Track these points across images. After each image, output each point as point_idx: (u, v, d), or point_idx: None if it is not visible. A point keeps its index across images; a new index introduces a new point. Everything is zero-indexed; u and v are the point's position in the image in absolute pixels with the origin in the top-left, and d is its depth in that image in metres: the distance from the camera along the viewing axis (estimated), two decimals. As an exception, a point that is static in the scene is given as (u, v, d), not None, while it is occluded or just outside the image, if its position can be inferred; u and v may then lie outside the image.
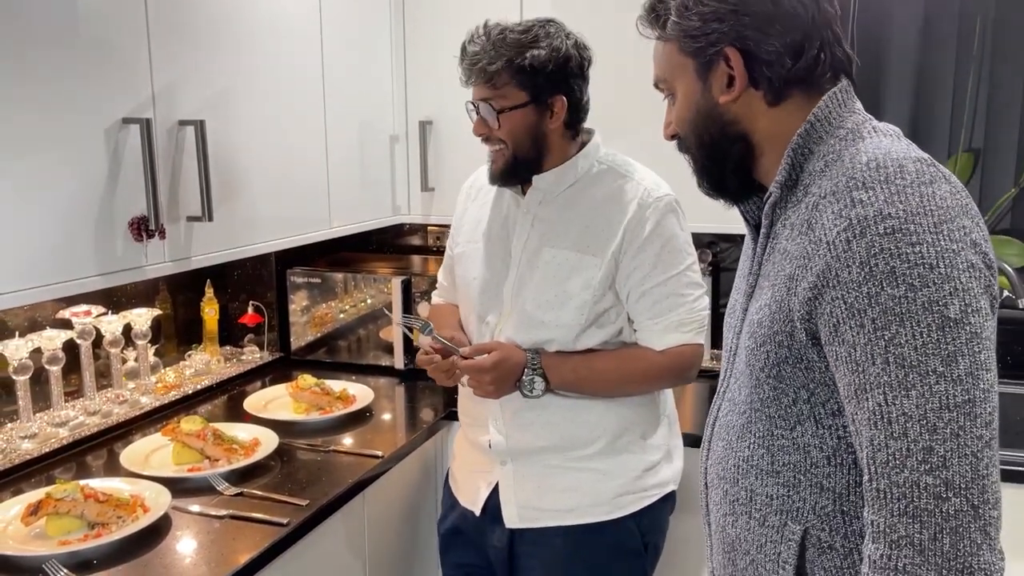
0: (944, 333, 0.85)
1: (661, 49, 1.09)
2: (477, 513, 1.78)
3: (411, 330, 1.81)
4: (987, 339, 0.88)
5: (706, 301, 1.72)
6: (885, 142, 0.97)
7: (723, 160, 1.08)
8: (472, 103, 1.67)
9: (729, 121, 1.05)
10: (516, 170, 1.68)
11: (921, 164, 0.92)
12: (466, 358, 1.68)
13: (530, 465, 1.73)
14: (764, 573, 1.06)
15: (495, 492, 1.76)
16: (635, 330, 1.71)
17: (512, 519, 1.74)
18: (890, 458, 0.87)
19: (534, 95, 1.63)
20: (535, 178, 1.70)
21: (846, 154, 0.97)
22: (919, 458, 0.85)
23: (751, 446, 1.07)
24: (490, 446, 1.75)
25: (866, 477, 0.90)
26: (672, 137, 1.14)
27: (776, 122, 1.04)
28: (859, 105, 1.05)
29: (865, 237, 0.88)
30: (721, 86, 1.03)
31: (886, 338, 0.87)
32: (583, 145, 1.72)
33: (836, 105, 1.02)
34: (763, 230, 1.07)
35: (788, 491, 1.03)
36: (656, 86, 1.14)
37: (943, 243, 0.87)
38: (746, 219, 1.15)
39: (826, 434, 1.00)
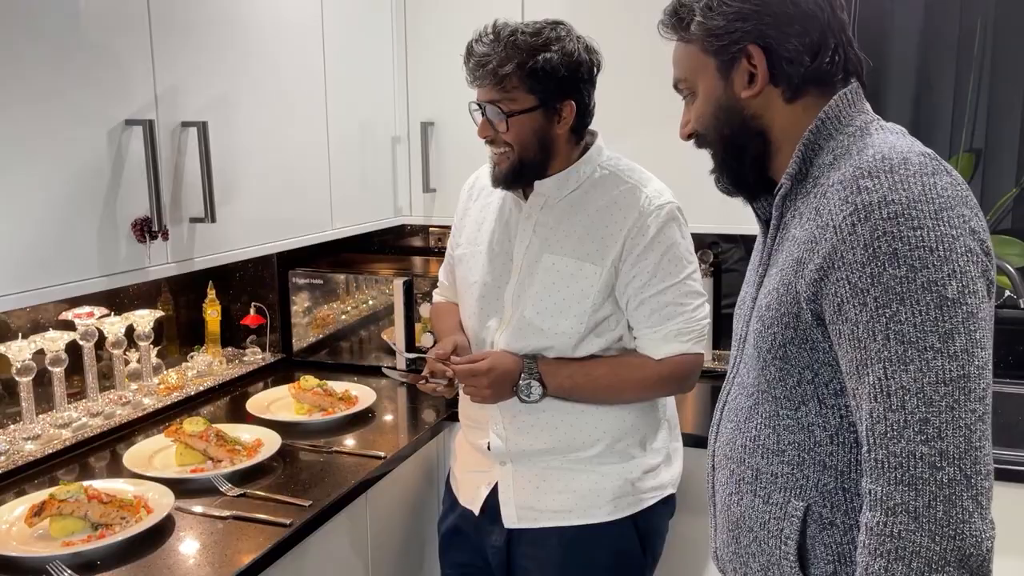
0: (942, 312, 0.91)
1: (682, 51, 1.14)
2: (476, 513, 1.79)
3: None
4: (983, 320, 0.93)
5: (706, 310, 1.71)
6: (891, 138, 1.02)
7: (742, 154, 1.12)
8: (478, 104, 1.65)
9: (750, 116, 1.10)
10: (521, 174, 1.67)
11: (924, 157, 0.97)
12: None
13: (529, 466, 1.73)
14: (767, 549, 1.10)
15: (494, 492, 1.76)
16: (634, 337, 1.70)
17: (511, 519, 1.74)
18: (888, 429, 0.92)
19: (543, 100, 1.60)
20: (536, 183, 1.69)
21: (854, 148, 1.03)
22: (916, 429, 0.90)
23: (758, 426, 1.12)
24: (489, 448, 1.76)
25: (864, 448, 0.95)
26: (689, 136, 1.18)
27: (791, 119, 1.09)
28: (867, 106, 1.10)
29: (869, 221, 0.93)
30: (743, 82, 1.08)
31: (887, 315, 0.92)
32: (586, 148, 1.71)
33: (846, 105, 1.07)
34: (773, 221, 1.12)
35: (792, 469, 1.08)
36: (676, 87, 1.18)
37: (943, 228, 0.92)
38: (758, 215, 1.20)
39: (829, 414, 1.05)
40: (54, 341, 1.92)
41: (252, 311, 2.58)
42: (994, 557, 0.92)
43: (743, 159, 1.13)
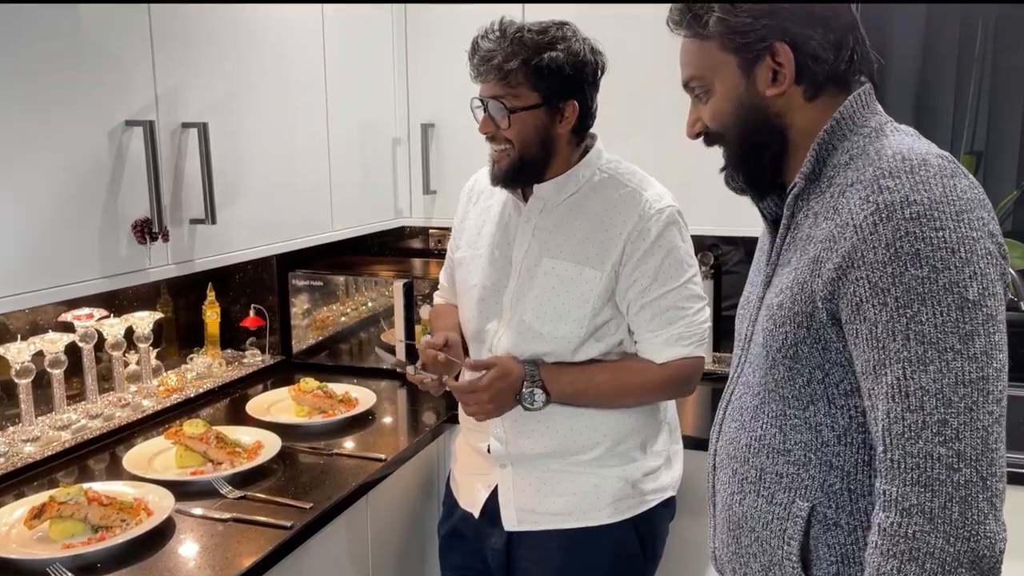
0: (963, 313, 0.91)
1: (696, 47, 1.11)
2: (476, 515, 1.78)
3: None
4: (1001, 322, 0.93)
5: (707, 314, 1.70)
6: (908, 140, 1.02)
7: (762, 153, 1.11)
8: (480, 99, 1.64)
9: (774, 114, 1.09)
10: (520, 172, 1.66)
11: (943, 159, 0.98)
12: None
13: (529, 469, 1.73)
14: (769, 549, 1.10)
15: (494, 495, 1.76)
16: (635, 342, 1.69)
17: (511, 522, 1.73)
18: (906, 430, 0.92)
19: (547, 97, 1.60)
20: (535, 187, 1.68)
21: (871, 148, 1.02)
22: (934, 430, 0.90)
23: (764, 425, 1.11)
24: (489, 451, 1.75)
25: (880, 449, 0.95)
26: (697, 135, 1.16)
27: (810, 118, 1.08)
28: (879, 107, 1.09)
29: (891, 221, 0.93)
30: (766, 80, 1.07)
31: (908, 316, 0.92)
32: (586, 151, 1.70)
33: (860, 106, 1.07)
34: (784, 221, 1.11)
35: (798, 469, 1.07)
36: (686, 85, 1.16)
37: (964, 230, 0.92)
38: (764, 215, 1.19)
39: (838, 414, 1.04)
40: (53, 343, 1.92)
41: (252, 313, 2.57)
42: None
43: (762, 158, 1.11)
